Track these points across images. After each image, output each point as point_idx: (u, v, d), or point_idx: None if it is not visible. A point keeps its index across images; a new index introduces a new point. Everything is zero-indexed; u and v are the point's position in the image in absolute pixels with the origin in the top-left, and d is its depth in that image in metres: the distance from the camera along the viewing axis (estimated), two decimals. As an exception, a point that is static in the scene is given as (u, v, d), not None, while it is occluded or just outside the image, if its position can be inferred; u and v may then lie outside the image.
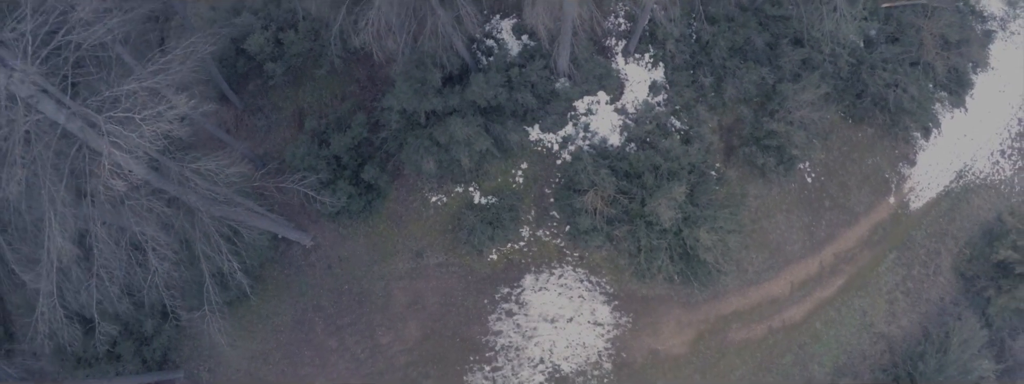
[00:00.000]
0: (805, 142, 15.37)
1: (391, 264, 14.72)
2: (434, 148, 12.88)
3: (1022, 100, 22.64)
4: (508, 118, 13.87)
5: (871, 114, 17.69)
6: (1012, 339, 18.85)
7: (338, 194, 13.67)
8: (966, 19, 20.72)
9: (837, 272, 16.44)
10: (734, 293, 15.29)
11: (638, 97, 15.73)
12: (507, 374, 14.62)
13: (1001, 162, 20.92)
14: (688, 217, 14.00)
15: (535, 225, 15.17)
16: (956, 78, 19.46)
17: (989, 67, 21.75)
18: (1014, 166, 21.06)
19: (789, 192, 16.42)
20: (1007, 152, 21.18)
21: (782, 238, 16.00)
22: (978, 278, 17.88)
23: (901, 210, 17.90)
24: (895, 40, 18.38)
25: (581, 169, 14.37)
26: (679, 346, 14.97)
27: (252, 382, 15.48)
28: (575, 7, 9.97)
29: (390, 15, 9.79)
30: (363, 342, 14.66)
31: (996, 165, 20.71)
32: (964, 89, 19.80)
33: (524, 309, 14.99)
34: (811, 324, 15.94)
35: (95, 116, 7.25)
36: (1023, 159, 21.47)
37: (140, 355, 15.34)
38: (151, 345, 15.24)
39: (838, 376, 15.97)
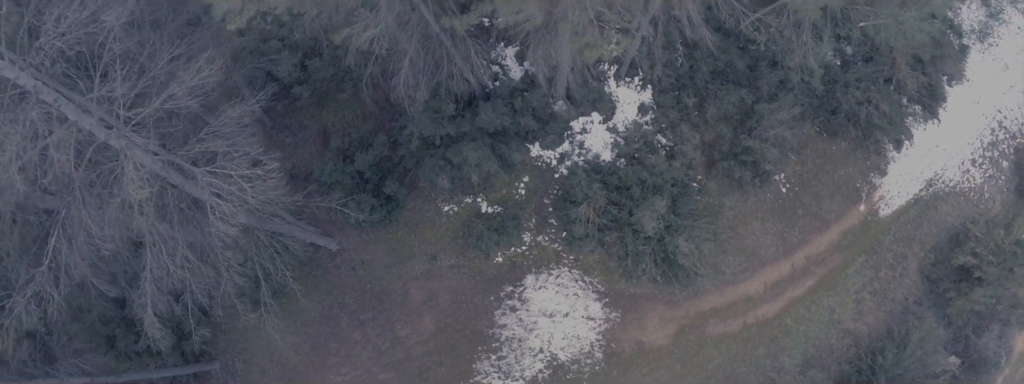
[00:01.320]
0: (778, 158, 18.53)
1: (408, 266, 18.03)
2: (448, 167, 16.15)
3: (996, 111, 25.76)
4: (512, 139, 17.09)
5: (845, 129, 20.79)
6: (977, 336, 22.15)
7: (362, 206, 16.94)
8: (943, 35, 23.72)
9: (808, 274, 19.69)
10: (712, 292, 18.57)
11: (628, 117, 18.92)
12: (511, 362, 17.98)
13: (972, 171, 24.08)
14: (670, 226, 17.23)
15: (535, 231, 18.44)
16: (929, 92, 22.53)
17: (965, 80, 24.82)
18: (984, 174, 24.23)
19: (765, 202, 19.63)
20: (978, 161, 24.34)
21: (757, 243, 19.24)
22: (941, 280, 21.10)
23: (871, 217, 21.10)
24: (870, 59, 21.46)
25: (576, 183, 17.62)
26: (662, 338, 18.28)
27: (283, 372, 18.83)
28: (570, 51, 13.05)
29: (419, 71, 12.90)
30: (384, 335, 18.00)
31: (966, 174, 23.88)
32: (937, 102, 22.89)
33: (526, 305, 18.30)
34: (782, 320, 19.23)
35: (192, 169, 10.29)
36: (994, 168, 24.64)
37: (179, 349, 18.56)
38: (190, 340, 18.46)
39: (806, 367, 19.27)
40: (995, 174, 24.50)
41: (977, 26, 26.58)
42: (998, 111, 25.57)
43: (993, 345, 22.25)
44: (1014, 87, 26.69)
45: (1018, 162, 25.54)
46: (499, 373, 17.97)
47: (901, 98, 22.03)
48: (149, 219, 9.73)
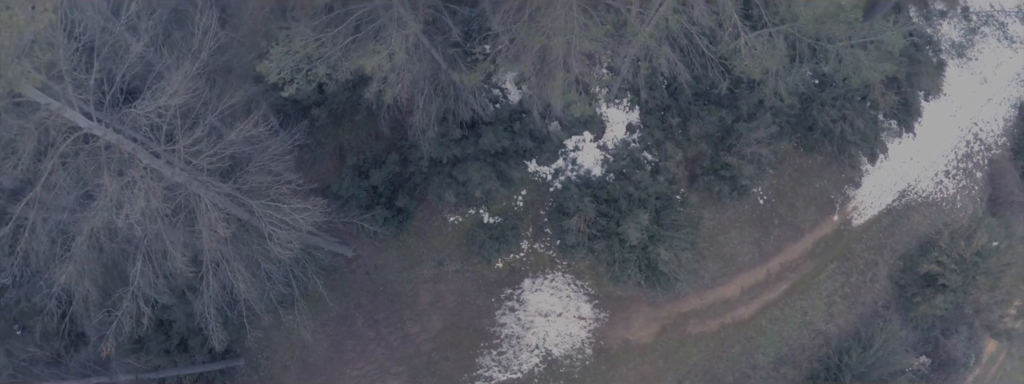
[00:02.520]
0: (754, 173, 21.87)
1: (417, 270, 21.52)
2: (454, 184, 19.60)
3: (972, 123, 29.05)
4: (511, 157, 20.51)
5: (821, 144, 24.08)
6: (946, 338, 25.55)
7: (377, 218, 20.40)
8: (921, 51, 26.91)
9: (782, 279, 23.09)
10: (692, 295, 21.99)
11: (617, 136, 22.32)
12: (510, 357, 21.47)
13: (945, 182, 27.41)
14: (653, 236, 20.62)
15: (532, 240, 21.88)
16: (905, 108, 25.78)
17: (942, 94, 28.08)
18: (957, 185, 27.58)
19: (743, 212, 23.02)
20: (952, 173, 27.66)
21: (735, 250, 22.64)
22: (909, 286, 24.45)
23: (844, 226, 24.46)
24: (846, 78, 24.74)
25: (569, 196, 21.04)
26: (646, 337, 21.73)
27: (304, 366, 22.35)
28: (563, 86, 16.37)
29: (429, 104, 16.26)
30: (395, 332, 21.50)
31: (940, 184, 27.21)
32: (913, 117, 26.16)
33: (523, 306, 21.76)
34: (758, 321, 22.65)
35: (248, 201, 13.68)
36: (968, 178, 27.99)
37: (207, 346, 22.05)
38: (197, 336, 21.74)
39: (779, 365, 22.69)
40: (969, 185, 27.84)
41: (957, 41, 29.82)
42: (974, 124, 28.88)
43: (962, 346, 25.64)
44: (991, 100, 29.99)
45: (992, 173, 28.84)
46: (499, 367, 21.45)
47: (877, 114, 25.32)
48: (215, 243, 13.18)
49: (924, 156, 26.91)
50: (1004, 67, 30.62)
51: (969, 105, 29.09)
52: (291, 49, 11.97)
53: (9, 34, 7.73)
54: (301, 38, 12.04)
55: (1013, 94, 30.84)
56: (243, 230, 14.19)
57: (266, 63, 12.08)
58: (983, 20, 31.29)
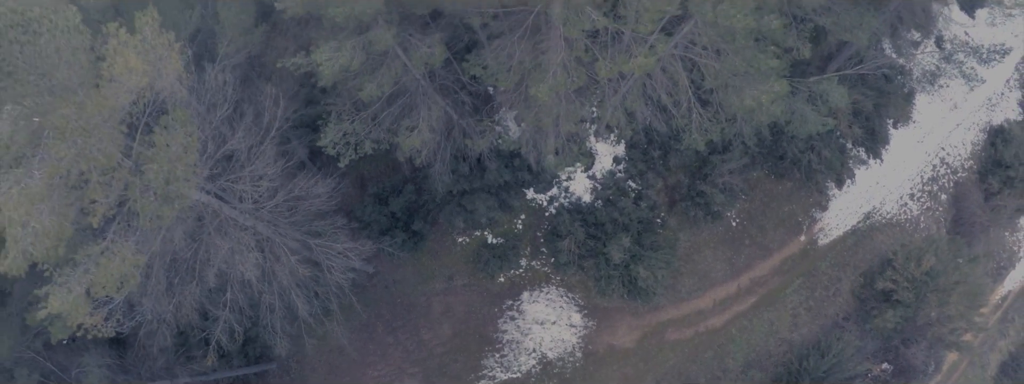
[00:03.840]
0: (725, 200, 27.12)
1: (430, 284, 27.02)
2: (463, 212, 25.08)
3: (940, 148, 34.15)
4: (512, 187, 25.96)
5: (790, 172, 29.29)
6: (906, 347, 30.74)
7: (395, 240, 25.92)
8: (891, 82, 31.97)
9: (751, 292, 28.37)
10: (670, 306, 27.35)
11: (605, 167, 27.69)
12: (511, 359, 26.97)
13: (909, 204, 32.56)
14: (634, 256, 25.98)
15: (530, 258, 27.32)
16: (872, 136, 30.93)
17: (911, 122, 33.19)
18: (922, 207, 32.74)
19: (717, 234, 28.32)
20: (917, 195, 32.80)
21: (709, 267, 27.96)
22: (869, 300, 29.65)
23: (810, 246, 29.70)
24: (795, 130, 29.82)
25: (562, 221, 26.45)
26: (629, 342, 27.12)
27: (330, 369, 27.92)
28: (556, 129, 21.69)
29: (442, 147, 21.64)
30: (411, 338, 27.04)
31: (904, 207, 32.37)
32: (880, 145, 31.33)
33: (522, 315, 27.19)
34: (728, 330, 27.97)
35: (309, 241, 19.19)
36: (932, 200, 33.15)
37: (244, 352, 27.63)
38: (254, 344, 27.46)
39: (747, 368, 28.00)
40: (933, 206, 32.98)
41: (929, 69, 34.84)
42: (941, 149, 33.97)
43: (921, 355, 30.82)
44: (961, 125, 35.07)
45: (957, 195, 33.94)
46: (501, 368, 26.96)
47: (845, 143, 30.50)
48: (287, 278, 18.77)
49: (890, 180, 32.05)
50: (975, 93, 35.67)
51: (938, 131, 34.17)
52: (342, 128, 17.57)
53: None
54: (349, 119, 17.62)
55: (983, 118, 35.93)
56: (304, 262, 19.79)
57: (324, 138, 17.57)
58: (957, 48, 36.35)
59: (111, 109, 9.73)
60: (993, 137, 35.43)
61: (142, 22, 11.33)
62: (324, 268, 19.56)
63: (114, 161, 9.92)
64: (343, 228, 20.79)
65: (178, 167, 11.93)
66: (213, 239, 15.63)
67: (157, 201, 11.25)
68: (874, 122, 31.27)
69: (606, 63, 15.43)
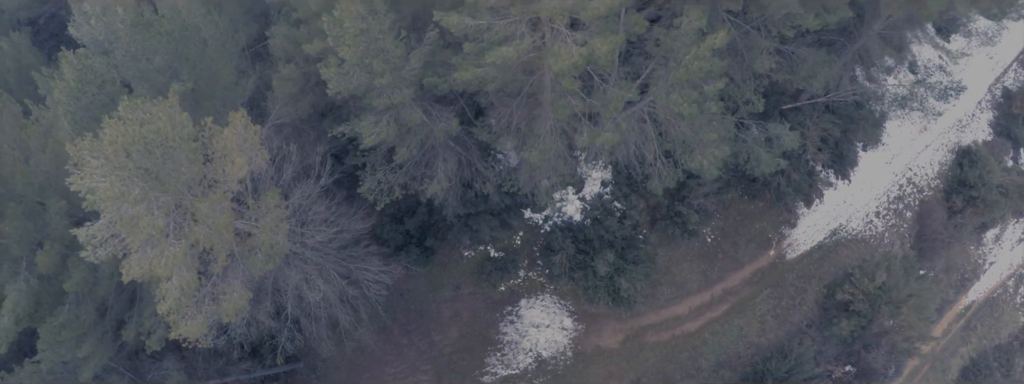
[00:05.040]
0: (700, 220, 33.41)
1: (440, 293, 33.66)
2: (469, 231, 31.63)
3: (907, 169, 40.21)
4: (512, 209, 32.47)
5: (762, 193, 35.54)
6: (867, 352, 36.98)
7: (410, 254, 32.56)
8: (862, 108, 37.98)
9: (724, 301, 34.67)
10: (650, 313, 33.75)
11: (593, 189, 34.08)
12: (510, 358, 33.55)
13: (875, 221, 38.69)
14: (618, 269, 32.38)
15: (528, 269, 33.82)
16: (840, 159, 37.08)
17: (880, 144, 39.24)
18: (887, 224, 38.88)
19: (693, 249, 34.64)
20: (882, 213, 38.93)
21: (685, 278, 34.30)
22: (831, 310, 35.85)
23: (779, 260, 35.94)
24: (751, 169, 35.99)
25: (555, 237, 32.90)
26: (614, 343, 33.59)
27: (352, 367, 34.67)
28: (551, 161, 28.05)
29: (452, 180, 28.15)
30: (423, 340, 33.70)
31: (870, 224, 38.51)
32: (849, 167, 37.47)
33: (520, 319, 33.72)
34: (702, 334, 34.33)
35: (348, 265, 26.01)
36: (897, 218, 39.26)
37: (275, 353, 34.52)
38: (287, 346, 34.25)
39: (718, 368, 34.35)
40: (897, 223, 39.09)
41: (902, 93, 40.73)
42: (909, 169, 40.03)
43: (882, 359, 37.01)
44: (930, 146, 41.07)
45: (922, 212, 39.99)
46: (502, 365, 33.52)
47: (815, 166, 36.67)
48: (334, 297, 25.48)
49: (857, 199, 38.18)
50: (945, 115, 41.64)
51: (906, 152, 40.24)
52: (377, 178, 24.24)
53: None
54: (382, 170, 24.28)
55: (952, 139, 41.95)
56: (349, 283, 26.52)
57: (362, 187, 24.21)
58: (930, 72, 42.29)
59: (225, 197, 16.25)
60: (961, 158, 41.40)
61: (235, 119, 17.91)
62: (362, 286, 26.27)
63: (230, 234, 16.41)
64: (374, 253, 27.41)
65: (277, 235, 18.59)
66: (284, 271, 22.37)
67: (263, 257, 17.87)
68: (843, 147, 37.39)
69: (582, 137, 22.00)
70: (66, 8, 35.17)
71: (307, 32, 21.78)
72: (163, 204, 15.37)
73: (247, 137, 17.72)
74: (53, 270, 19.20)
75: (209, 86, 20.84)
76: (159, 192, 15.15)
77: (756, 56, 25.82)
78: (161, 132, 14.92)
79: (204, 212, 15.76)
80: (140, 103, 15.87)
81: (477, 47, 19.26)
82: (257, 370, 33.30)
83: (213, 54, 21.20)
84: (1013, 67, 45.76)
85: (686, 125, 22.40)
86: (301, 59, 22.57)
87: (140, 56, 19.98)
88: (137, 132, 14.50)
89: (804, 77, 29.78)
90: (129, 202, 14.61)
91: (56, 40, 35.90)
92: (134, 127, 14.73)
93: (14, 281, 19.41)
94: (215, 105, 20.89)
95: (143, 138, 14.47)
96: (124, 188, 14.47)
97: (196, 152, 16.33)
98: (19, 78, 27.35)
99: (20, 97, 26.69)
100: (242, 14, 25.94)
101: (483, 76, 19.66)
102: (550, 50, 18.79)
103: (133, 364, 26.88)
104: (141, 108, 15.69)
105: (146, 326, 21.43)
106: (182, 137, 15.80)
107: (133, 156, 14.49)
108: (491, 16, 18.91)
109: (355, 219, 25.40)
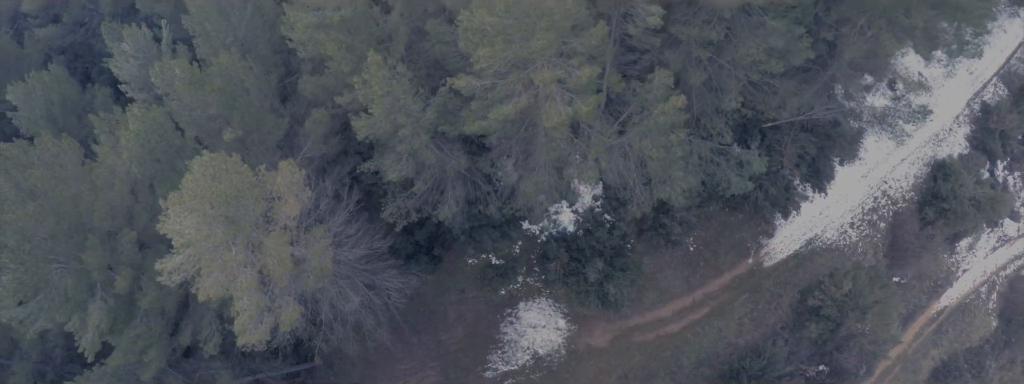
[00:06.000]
0: (682, 231, 38.93)
1: (446, 296, 39.45)
2: (473, 242, 37.30)
3: (882, 182, 45.55)
4: (512, 221, 38.06)
5: (742, 205, 41.01)
6: (839, 352, 42.76)
7: (420, 262, 38.29)
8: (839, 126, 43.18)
9: (704, 305, 40.37)
10: (636, 315, 39.50)
11: (586, 203, 39.57)
12: (510, 355, 39.47)
13: (849, 232, 44.19)
14: (607, 276, 38.03)
15: (525, 275, 39.54)
16: (817, 174, 42.49)
17: (857, 159, 44.53)
18: (860, 234, 44.38)
19: (676, 257, 40.23)
20: (856, 224, 44.40)
21: (668, 284, 39.96)
22: (803, 314, 41.53)
23: (756, 267, 41.53)
24: (770, 152, 41.35)
25: (550, 247, 38.51)
26: (604, 343, 39.44)
27: (366, 365, 40.65)
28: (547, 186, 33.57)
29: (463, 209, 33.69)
30: (432, 339, 39.60)
31: (844, 234, 44.01)
32: (825, 181, 42.90)
33: (519, 320, 39.53)
34: (684, 335, 40.11)
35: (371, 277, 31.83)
36: (871, 228, 44.74)
37: (297, 351, 40.44)
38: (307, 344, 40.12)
39: (699, 366, 40.20)
40: (871, 234, 44.56)
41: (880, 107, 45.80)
42: (884, 182, 45.38)
43: (853, 360, 42.76)
44: (905, 160, 46.33)
45: (895, 223, 45.41)
46: (503, 362, 39.41)
47: (793, 180, 42.05)
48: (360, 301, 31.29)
49: (833, 211, 43.61)
50: (921, 130, 46.79)
51: (883, 166, 45.53)
52: (397, 204, 29.77)
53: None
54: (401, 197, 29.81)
55: (928, 153, 47.20)
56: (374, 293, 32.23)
57: (384, 212, 29.78)
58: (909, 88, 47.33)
59: (286, 233, 21.74)
60: (936, 171, 46.67)
61: (284, 166, 23.39)
62: (383, 295, 32.02)
63: (289, 262, 21.97)
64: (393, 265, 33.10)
65: (324, 260, 24.22)
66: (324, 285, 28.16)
67: (313, 278, 23.51)
68: (820, 162, 42.72)
69: (570, 171, 27.44)
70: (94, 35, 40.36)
71: (334, 82, 27.11)
72: (238, 241, 20.96)
73: (294, 180, 23.25)
74: (126, 290, 24.89)
75: (255, 131, 26.33)
76: (235, 232, 20.72)
77: (724, 96, 31.02)
78: (234, 186, 20.44)
79: (268, 245, 21.37)
80: (210, 160, 21.35)
81: (482, 104, 24.64)
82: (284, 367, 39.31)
83: (255, 101, 26.61)
84: (993, 82, 50.70)
85: (656, 164, 27.81)
86: (330, 103, 27.95)
87: (195, 107, 25.42)
88: (216, 188, 20.02)
89: (775, 107, 34.99)
90: (213, 242, 20.21)
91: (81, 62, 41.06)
92: (212, 183, 20.25)
93: (93, 301, 25.11)
94: (261, 148, 26.40)
95: (222, 193, 19.98)
96: (209, 231, 20.07)
97: (258, 197, 21.89)
98: (63, 110, 32.66)
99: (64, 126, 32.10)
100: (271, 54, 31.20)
101: (487, 127, 25.07)
102: (543, 109, 24.15)
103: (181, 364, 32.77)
104: (212, 164, 21.17)
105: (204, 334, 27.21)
106: (248, 186, 21.33)
107: (214, 207, 20.03)
108: (493, 77, 24.19)
109: (377, 238, 30.98)
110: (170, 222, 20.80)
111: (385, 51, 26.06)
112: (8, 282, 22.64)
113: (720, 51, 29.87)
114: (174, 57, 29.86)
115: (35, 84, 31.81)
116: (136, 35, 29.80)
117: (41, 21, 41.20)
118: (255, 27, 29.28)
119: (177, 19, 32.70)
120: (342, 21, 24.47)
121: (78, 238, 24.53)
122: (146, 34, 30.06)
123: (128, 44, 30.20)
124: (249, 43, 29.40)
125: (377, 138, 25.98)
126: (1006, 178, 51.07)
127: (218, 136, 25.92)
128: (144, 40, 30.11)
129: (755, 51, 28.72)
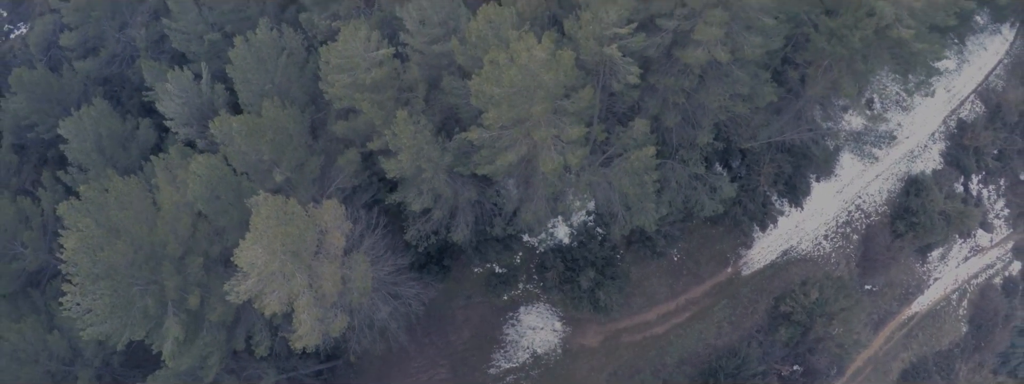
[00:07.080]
0: (665, 244, 46.49)
1: (455, 301, 47.30)
2: (478, 254, 45.05)
3: (857, 196, 52.94)
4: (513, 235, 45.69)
5: (723, 219, 48.50)
6: (811, 354, 50.64)
7: (431, 271, 46.07)
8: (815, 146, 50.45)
9: (687, 310, 48.10)
10: (624, 318, 47.30)
11: (580, 218, 47.08)
12: (511, 354, 47.45)
13: (823, 243, 51.74)
14: (598, 283, 45.73)
15: (525, 282, 47.29)
16: (793, 191, 49.93)
17: (833, 176, 51.91)
18: (834, 246, 51.94)
19: (661, 266, 47.86)
20: (830, 236, 51.94)
21: (654, 291, 47.65)
22: (777, 318, 49.23)
23: (735, 276, 49.17)
24: (748, 170, 48.66)
25: (547, 257, 46.18)
26: (595, 343, 47.33)
27: (383, 363, 48.68)
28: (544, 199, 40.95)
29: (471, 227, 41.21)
30: (441, 339, 47.55)
31: (818, 245, 51.57)
32: (801, 196, 50.38)
33: (520, 323, 47.35)
34: (668, 336, 47.94)
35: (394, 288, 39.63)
36: (844, 240, 52.28)
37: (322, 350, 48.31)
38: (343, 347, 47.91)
39: (681, 364, 48.11)
40: (844, 245, 52.10)
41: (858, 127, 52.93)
42: (858, 197, 52.78)
43: (825, 361, 50.59)
44: (880, 176, 53.66)
45: (867, 236, 52.90)
46: (505, 360, 47.34)
47: (770, 195, 49.48)
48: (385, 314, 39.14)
49: (808, 224, 51.11)
50: (896, 148, 54.02)
51: (857, 182, 52.89)
52: (418, 228, 37.41)
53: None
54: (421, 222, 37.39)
55: (902, 169, 54.54)
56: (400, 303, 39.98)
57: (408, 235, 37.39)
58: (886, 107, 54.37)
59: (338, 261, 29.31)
60: (909, 186, 53.93)
61: (328, 205, 30.93)
62: (405, 303, 39.83)
63: (339, 283, 29.52)
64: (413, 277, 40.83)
65: (365, 280, 31.90)
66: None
67: (357, 294, 31.21)
68: (796, 179, 50.11)
69: (562, 204, 34.94)
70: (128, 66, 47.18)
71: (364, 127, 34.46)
72: (300, 269, 28.63)
73: (337, 215, 30.84)
74: (197, 306, 32.59)
75: (299, 171, 33.82)
76: (297, 263, 28.37)
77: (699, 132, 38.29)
78: (297, 227, 28.02)
79: (323, 272, 29.03)
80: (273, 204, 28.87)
81: (490, 151, 32.07)
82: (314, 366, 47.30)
83: (298, 146, 34.03)
84: (971, 99, 57.66)
85: (632, 197, 35.33)
86: (359, 143, 35.37)
87: (250, 153, 32.82)
88: (283, 230, 27.58)
89: (746, 139, 42.28)
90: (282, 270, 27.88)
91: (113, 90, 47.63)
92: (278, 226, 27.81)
93: (167, 316, 32.82)
94: (302, 184, 33.93)
95: (288, 234, 27.57)
96: (279, 264, 27.72)
97: (313, 232, 29.49)
98: (110, 142, 39.72)
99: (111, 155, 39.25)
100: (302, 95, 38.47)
101: (494, 170, 32.55)
102: (541, 157, 31.55)
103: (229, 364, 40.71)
104: (275, 208, 28.70)
105: (256, 338, 35.01)
106: (306, 227, 28.92)
107: (283, 245, 27.64)
108: (499, 130, 31.53)
109: (399, 254, 38.67)
110: (244, 254, 28.39)
111: (406, 101, 33.41)
112: (102, 307, 30.27)
113: (690, 97, 37.06)
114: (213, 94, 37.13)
115: (84, 118, 38.88)
116: (179, 77, 37.01)
117: (78, 54, 47.77)
118: (290, 73, 36.59)
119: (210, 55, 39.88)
120: (373, 83, 31.73)
121: (153, 264, 32.15)
122: (188, 75, 37.24)
123: (172, 84, 37.42)
124: (284, 87, 36.71)
125: (403, 176, 33.47)
126: (980, 191, 58.25)
127: (268, 175, 33.42)
128: (186, 81, 37.35)
129: (721, 97, 35.90)
